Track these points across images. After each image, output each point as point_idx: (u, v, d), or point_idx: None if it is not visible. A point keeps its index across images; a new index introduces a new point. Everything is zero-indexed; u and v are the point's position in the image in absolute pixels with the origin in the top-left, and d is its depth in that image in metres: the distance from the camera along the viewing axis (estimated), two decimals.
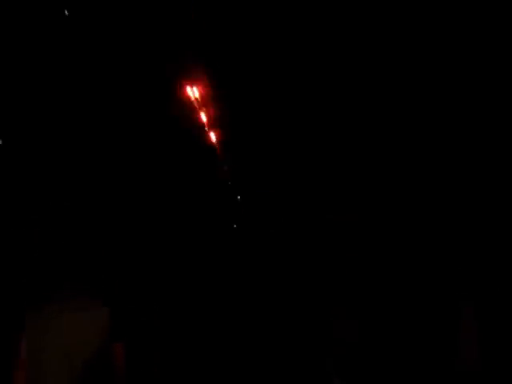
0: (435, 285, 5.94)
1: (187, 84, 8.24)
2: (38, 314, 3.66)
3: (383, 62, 6.65)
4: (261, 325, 6.79)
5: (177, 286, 6.86)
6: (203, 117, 8.23)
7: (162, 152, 7.68)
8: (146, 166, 7.47)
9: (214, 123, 8.17)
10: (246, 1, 6.51)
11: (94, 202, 6.25)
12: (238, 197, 7.63)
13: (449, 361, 5.54)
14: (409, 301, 6.01)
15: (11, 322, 3.75)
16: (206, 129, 8.15)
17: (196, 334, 6.65)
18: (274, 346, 6.61)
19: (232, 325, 6.84)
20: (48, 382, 3.58)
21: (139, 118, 7.62)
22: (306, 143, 7.44)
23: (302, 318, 6.66)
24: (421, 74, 6.48)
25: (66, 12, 6.21)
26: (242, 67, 7.65)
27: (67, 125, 6.55)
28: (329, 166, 7.13)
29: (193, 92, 8.42)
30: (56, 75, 6.53)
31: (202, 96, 8.24)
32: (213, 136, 8.24)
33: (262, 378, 6.20)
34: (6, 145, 6.14)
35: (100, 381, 3.65)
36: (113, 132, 7.21)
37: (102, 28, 6.69)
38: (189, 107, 8.18)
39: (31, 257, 5.32)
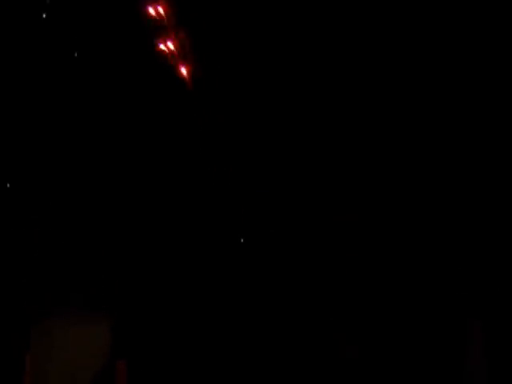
0: (442, 299, 5.94)
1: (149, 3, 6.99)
2: (42, 327, 3.91)
3: (382, 62, 6.63)
4: (262, 341, 6.46)
5: (180, 301, 6.53)
6: (170, 45, 6.99)
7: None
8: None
9: (184, 53, 6.99)
10: None
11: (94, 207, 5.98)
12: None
13: (456, 375, 5.60)
14: (413, 314, 6.02)
15: (16, 336, 3.87)
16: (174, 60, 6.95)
17: (198, 350, 6.43)
18: (275, 361, 6.45)
19: (233, 340, 6.60)
20: None
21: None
22: (304, 141, 7.04)
23: (303, 341, 6.49)
24: (421, 74, 6.50)
25: None
26: None
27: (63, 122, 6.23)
28: (329, 165, 6.90)
29: (157, 12, 7.15)
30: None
31: (169, 19, 7.00)
32: (183, 71, 7.05)
33: None
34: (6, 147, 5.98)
35: None
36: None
37: None
38: (152, 33, 6.96)
39: (33, 262, 5.32)
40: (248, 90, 6.91)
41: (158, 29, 6.92)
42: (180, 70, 7.02)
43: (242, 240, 6.72)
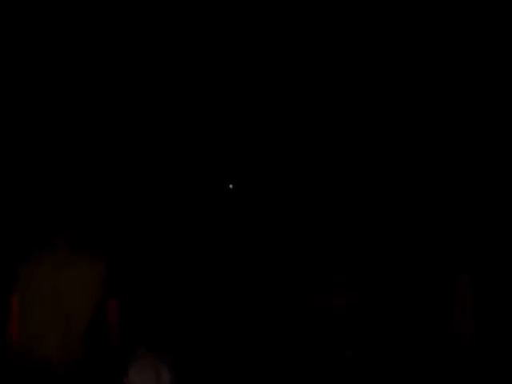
0: (433, 253, 6.01)
1: None
2: (30, 265, 3.57)
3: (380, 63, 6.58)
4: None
5: (177, 240, 6.42)
6: None
7: None
8: None
9: None
10: None
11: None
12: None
13: (442, 327, 5.61)
14: (407, 268, 6.08)
15: (2, 275, 3.69)
16: None
17: (193, 290, 6.30)
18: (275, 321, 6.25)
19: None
20: (39, 336, 3.51)
21: None
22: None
23: (302, 285, 6.38)
24: (420, 74, 6.48)
25: None
26: None
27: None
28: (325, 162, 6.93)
29: None
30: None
31: None
32: None
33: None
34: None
35: (93, 336, 3.61)
36: None
37: None
38: None
39: (17, 198, 5.21)
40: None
41: None
42: None
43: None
